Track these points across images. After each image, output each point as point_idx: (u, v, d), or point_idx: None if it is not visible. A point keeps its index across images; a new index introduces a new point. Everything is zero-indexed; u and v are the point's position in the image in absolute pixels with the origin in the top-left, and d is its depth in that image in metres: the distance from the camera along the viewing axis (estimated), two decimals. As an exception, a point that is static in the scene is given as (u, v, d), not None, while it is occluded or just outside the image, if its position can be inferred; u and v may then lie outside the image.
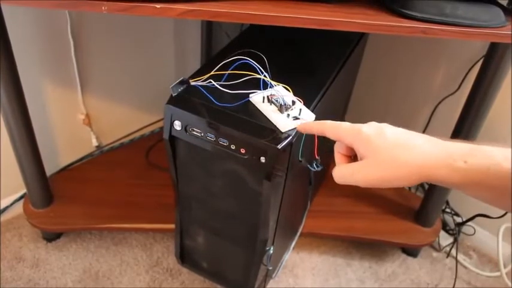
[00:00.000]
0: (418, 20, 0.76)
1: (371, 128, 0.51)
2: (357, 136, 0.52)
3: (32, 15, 1.13)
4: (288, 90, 0.77)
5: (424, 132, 1.38)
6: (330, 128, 0.57)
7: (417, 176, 0.46)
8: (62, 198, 1.27)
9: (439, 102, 1.32)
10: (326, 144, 0.67)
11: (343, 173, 0.53)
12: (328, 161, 0.75)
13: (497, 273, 1.30)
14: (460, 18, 0.76)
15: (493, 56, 0.97)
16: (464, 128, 1.08)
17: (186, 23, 1.53)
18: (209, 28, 1.52)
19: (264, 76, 0.76)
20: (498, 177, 0.43)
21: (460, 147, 0.46)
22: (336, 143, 0.57)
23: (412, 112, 1.42)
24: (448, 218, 1.40)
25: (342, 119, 1.31)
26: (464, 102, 1.08)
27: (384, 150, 0.49)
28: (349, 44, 1.05)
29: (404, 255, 1.36)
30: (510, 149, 0.44)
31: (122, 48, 1.39)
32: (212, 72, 0.78)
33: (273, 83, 0.77)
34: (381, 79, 1.45)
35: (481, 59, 1.09)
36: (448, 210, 1.39)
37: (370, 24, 0.75)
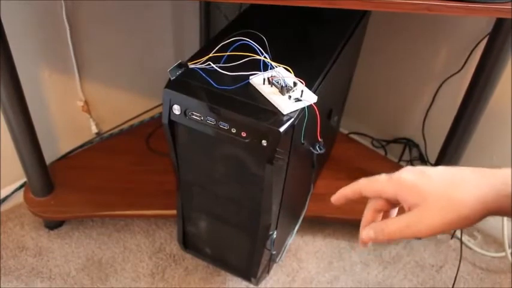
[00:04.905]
0: (422, -4, 0.74)
1: (411, 173, 0.48)
2: (400, 186, 0.48)
3: (26, -1, 1.11)
4: (289, 72, 0.75)
5: (428, 112, 1.37)
6: (366, 185, 0.54)
7: (482, 212, 0.43)
8: (62, 186, 1.26)
9: (443, 82, 1.30)
10: (328, 126, 0.65)
11: (396, 227, 0.47)
12: (331, 143, 0.74)
13: (502, 254, 1.29)
14: (466, -7, 0.74)
15: (498, 34, 0.95)
16: (469, 108, 1.07)
17: (184, 6, 1.50)
18: (207, 11, 1.49)
19: (264, 57, 0.74)
20: None
21: (506, 172, 0.43)
22: (371, 200, 0.54)
23: (416, 92, 1.40)
24: (452, 199, 1.39)
25: (344, 100, 1.29)
26: (469, 82, 1.06)
27: (435, 192, 0.45)
28: (350, 23, 1.02)
29: (408, 237, 1.36)
30: None
31: (119, 33, 1.37)
32: (211, 54, 0.76)
33: (274, 64, 0.75)
34: (383, 59, 1.43)
35: (485, 37, 1.07)
36: (452, 191, 1.38)
37: (374, 2, 0.73)
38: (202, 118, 0.76)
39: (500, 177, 0.43)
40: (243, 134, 0.74)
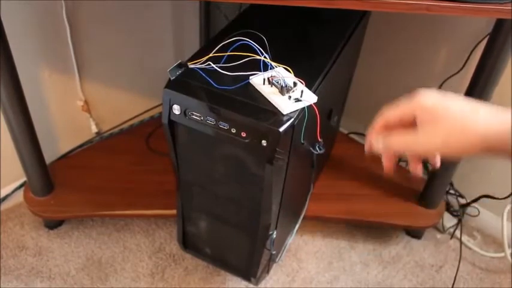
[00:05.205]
0: (422, -3, 0.74)
1: (433, 95, 0.50)
2: (420, 107, 0.50)
3: (26, -1, 1.11)
4: (289, 72, 0.75)
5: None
6: (389, 112, 0.55)
7: (481, 145, 0.45)
8: (62, 186, 1.26)
9: (443, 82, 1.30)
10: (328, 126, 0.65)
11: (405, 139, 0.51)
12: (331, 144, 0.74)
13: (502, 254, 1.29)
14: (465, -6, 0.74)
15: (498, 34, 0.95)
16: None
17: (184, 6, 1.50)
18: (207, 11, 1.49)
19: (264, 57, 0.74)
20: None
21: None
22: (382, 114, 0.56)
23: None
24: (452, 200, 1.39)
25: (344, 100, 1.29)
26: (469, 82, 1.06)
27: (449, 119, 0.47)
28: (350, 23, 1.02)
29: (408, 237, 1.36)
30: None
31: (119, 33, 1.37)
32: (211, 54, 0.76)
33: (274, 64, 0.75)
34: (383, 59, 1.43)
35: (485, 37, 1.06)
36: (452, 191, 1.38)
37: (373, 2, 0.73)
38: (202, 118, 0.76)
39: None
40: (243, 134, 0.74)
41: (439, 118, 0.48)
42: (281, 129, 0.70)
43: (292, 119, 0.71)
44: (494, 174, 1.29)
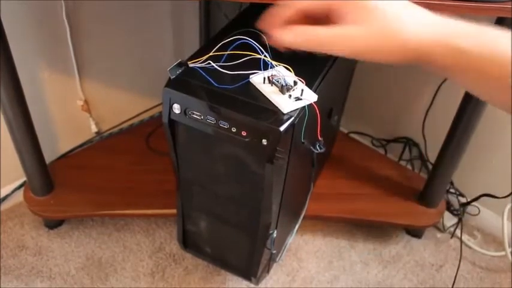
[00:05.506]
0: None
1: None
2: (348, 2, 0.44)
3: (26, -1, 1.11)
4: (289, 70, 0.75)
5: (428, 111, 1.37)
6: (303, 2, 0.47)
7: (406, 52, 0.42)
8: (62, 186, 1.26)
9: (443, 81, 1.30)
10: (328, 125, 0.65)
11: (326, 33, 0.44)
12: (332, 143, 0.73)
13: (502, 253, 1.29)
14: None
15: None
16: (469, 107, 1.07)
17: (184, 6, 1.50)
18: (207, 10, 1.49)
19: (264, 56, 0.74)
20: (500, 64, 0.38)
21: (463, 27, 0.41)
22: (291, 5, 0.47)
23: (416, 92, 1.40)
24: (453, 199, 1.39)
25: (344, 99, 1.29)
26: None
27: (380, 17, 0.43)
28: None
29: (408, 237, 1.35)
30: None
31: (119, 32, 1.37)
32: (211, 53, 0.76)
33: (274, 63, 0.75)
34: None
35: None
36: (452, 190, 1.38)
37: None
38: (202, 117, 0.76)
39: (451, 26, 0.41)
40: (243, 133, 0.74)
41: (366, 17, 0.43)
42: (281, 128, 0.70)
43: (293, 118, 0.71)
44: (495, 173, 1.29)
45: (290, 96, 0.71)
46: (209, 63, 0.76)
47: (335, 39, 0.44)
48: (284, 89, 0.72)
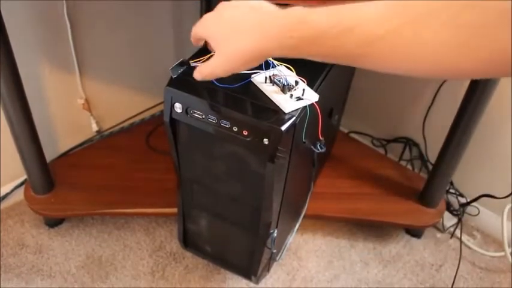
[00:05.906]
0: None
1: (213, 12, 0.57)
2: (202, 33, 0.58)
3: (27, -3, 1.11)
4: (291, 70, 0.75)
5: (428, 111, 1.37)
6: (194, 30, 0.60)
7: (254, 59, 0.51)
8: (62, 184, 1.26)
9: (444, 82, 1.30)
10: (329, 125, 0.65)
11: (208, 71, 0.58)
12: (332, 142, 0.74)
13: (502, 254, 1.30)
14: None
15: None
16: (469, 107, 1.07)
17: (185, 4, 1.50)
18: (208, 10, 1.49)
19: (266, 56, 0.74)
20: (325, 45, 0.43)
21: (289, 21, 0.46)
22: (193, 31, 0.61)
23: (416, 92, 1.40)
24: (452, 199, 1.39)
25: (345, 99, 1.29)
26: (469, 82, 1.06)
27: (222, 38, 0.52)
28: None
29: (408, 236, 1.36)
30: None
31: (120, 30, 1.37)
32: (212, 53, 0.76)
33: (276, 62, 0.75)
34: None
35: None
36: (452, 190, 1.38)
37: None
38: (203, 116, 0.76)
39: (281, 23, 0.47)
40: (245, 133, 0.74)
41: (216, 39, 0.54)
42: (283, 127, 0.70)
43: (294, 118, 0.71)
44: (495, 173, 1.30)
45: (291, 95, 0.71)
46: (211, 63, 0.76)
47: (217, 70, 0.56)
48: (285, 88, 0.72)
